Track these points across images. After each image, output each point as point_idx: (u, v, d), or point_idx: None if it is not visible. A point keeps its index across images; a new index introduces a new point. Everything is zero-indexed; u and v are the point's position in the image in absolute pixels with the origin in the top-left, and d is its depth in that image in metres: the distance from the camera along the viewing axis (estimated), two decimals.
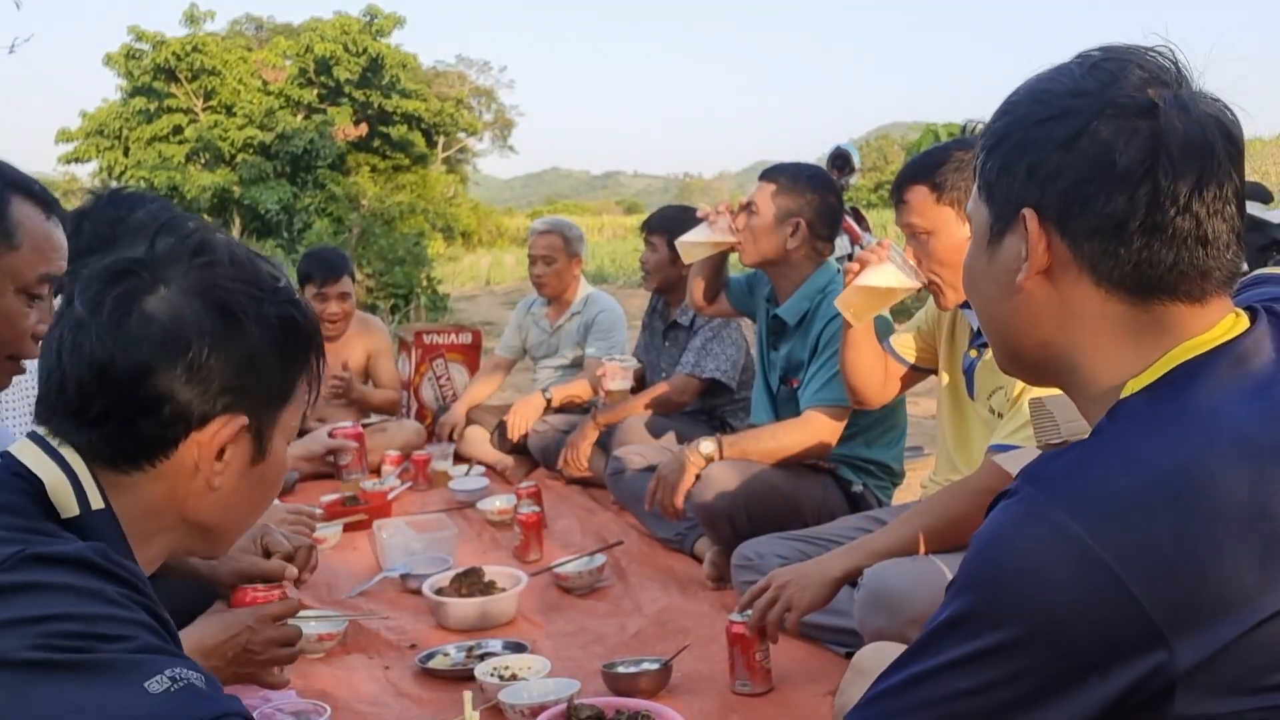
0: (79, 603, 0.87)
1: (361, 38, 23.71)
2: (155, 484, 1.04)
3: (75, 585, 0.88)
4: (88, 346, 1.01)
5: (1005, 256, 0.97)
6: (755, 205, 2.90)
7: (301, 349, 1.12)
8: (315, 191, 20.09)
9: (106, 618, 0.87)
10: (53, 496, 0.99)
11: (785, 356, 2.97)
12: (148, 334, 1.01)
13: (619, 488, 3.40)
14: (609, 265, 17.67)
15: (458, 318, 11.46)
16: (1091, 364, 0.95)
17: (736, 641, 2.11)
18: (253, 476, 1.10)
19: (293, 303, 1.10)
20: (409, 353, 4.86)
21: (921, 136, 8.89)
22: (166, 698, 0.84)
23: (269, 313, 1.07)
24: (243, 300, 1.05)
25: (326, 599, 2.82)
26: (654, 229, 3.88)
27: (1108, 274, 0.91)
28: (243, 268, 1.08)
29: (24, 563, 0.88)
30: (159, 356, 1.00)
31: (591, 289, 4.49)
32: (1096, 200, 0.89)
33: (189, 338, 1.01)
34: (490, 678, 2.17)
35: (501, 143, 34.19)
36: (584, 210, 46.06)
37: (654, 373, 3.99)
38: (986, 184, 0.98)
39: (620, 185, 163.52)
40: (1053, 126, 0.91)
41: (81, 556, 0.90)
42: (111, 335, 1.01)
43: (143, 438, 1.02)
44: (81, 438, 1.02)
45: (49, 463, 1.00)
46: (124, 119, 23.28)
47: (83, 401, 1.01)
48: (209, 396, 1.02)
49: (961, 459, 2.28)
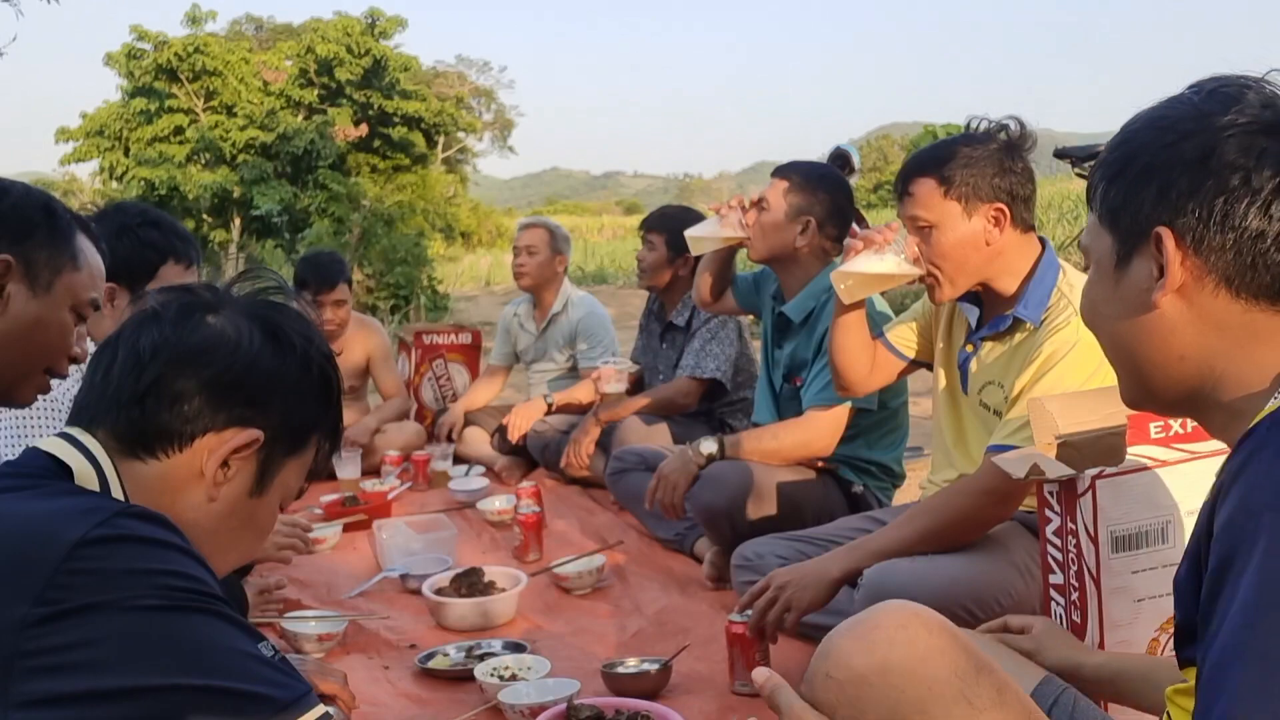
0: (182, 561, 0.96)
1: (364, 39, 23.73)
2: (162, 479, 1.08)
3: (173, 543, 0.97)
4: (144, 337, 1.09)
5: (1135, 278, 1.01)
6: (767, 201, 2.90)
7: (326, 408, 1.18)
8: (316, 192, 20.08)
9: (206, 579, 0.97)
10: (80, 484, 1.04)
11: (789, 354, 2.97)
12: (199, 333, 1.10)
13: (619, 487, 3.39)
14: (609, 265, 17.68)
15: (458, 318, 11.46)
16: (1239, 370, 0.98)
17: (736, 642, 2.12)
18: (244, 511, 1.13)
19: (334, 366, 1.18)
20: (409, 353, 4.86)
21: (920, 137, 8.89)
22: (280, 663, 0.97)
23: (313, 357, 1.15)
24: (292, 336, 1.14)
25: (326, 599, 2.82)
26: (652, 228, 3.89)
27: (1247, 285, 0.96)
28: (302, 317, 1.17)
29: (120, 516, 0.95)
30: (200, 354, 1.08)
31: (573, 290, 4.48)
32: (1233, 216, 0.94)
33: (233, 345, 1.10)
34: (490, 678, 2.17)
35: (501, 143, 34.22)
36: (584, 210, 46.12)
37: (651, 375, 3.99)
38: (1110, 210, 1.03)
39: (620, 185, 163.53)
40: (1181, 148, 0.97)
41: (165, 519, 0.99)
42: (168, 328, 1.10)
43: (163, 425, 1.07)
44: (109, 418, 1.08)
45: (76, 454, 1.05)
46: (124, 119, 23.28)
47: (120, 382, 1.08)
48: (234, 404, 1.09)
49: (959, 454, 2.28)
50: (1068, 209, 14.33)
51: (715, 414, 3.73)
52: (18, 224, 1.56)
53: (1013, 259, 2.12)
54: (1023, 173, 2.12)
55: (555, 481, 3.94)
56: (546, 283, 4.35)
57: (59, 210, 1.62)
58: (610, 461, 3.42)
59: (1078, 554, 1.54)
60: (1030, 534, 2.11)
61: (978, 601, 1.99)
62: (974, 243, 2.10)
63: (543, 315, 4.41)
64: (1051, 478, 1.55)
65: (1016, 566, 2.07)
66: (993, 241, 2.10)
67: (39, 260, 1.56)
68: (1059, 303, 2.07)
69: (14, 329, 1.54)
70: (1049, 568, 1.63)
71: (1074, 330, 1.99)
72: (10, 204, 1.58)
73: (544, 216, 4.96)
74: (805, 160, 3.09)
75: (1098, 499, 1.51)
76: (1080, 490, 1.52)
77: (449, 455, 4.27)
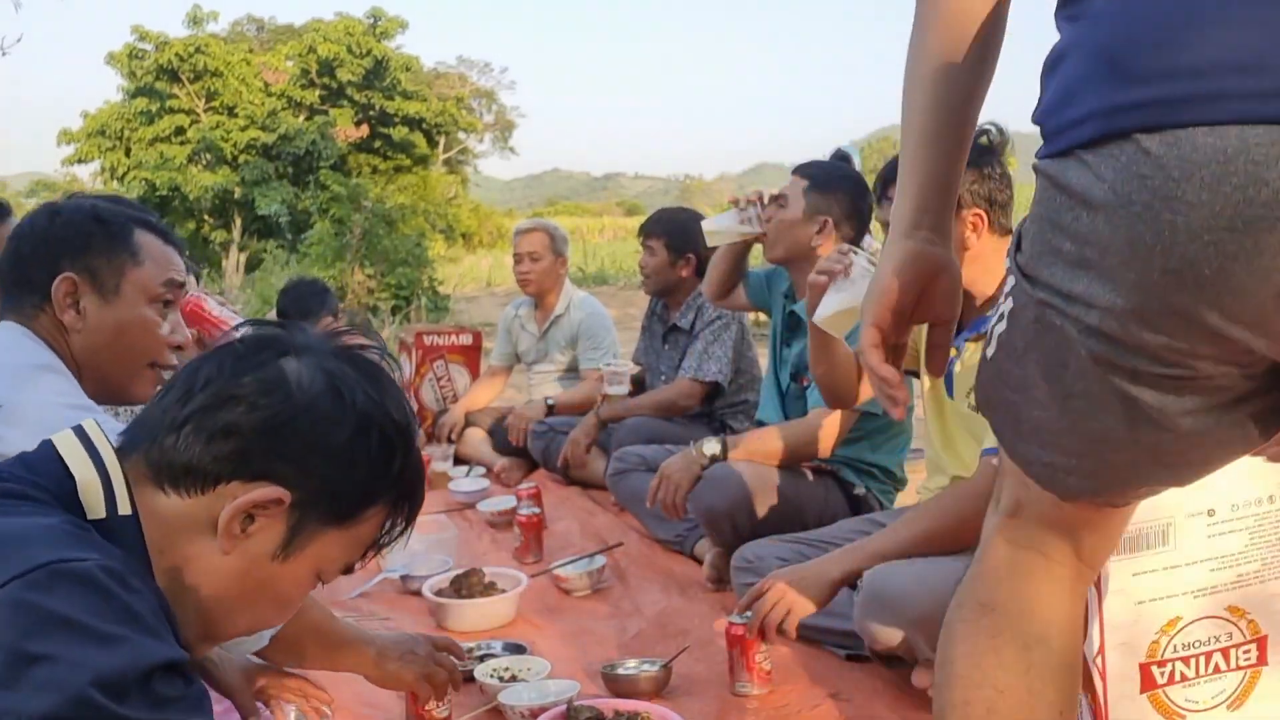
0: (68, 647, 0.82)
1: (365, 40, 23.73)
2: (179, 517, 1.01)
3: (76, 621, 0.84)
4: (208, 366, 1.04)
5: None
6: (785, 199, 2.90)
7: (385, 481, 1.07)
8: (317, 192, 20.09)
9: (90, 664, 0.83)
10: (82, 496, 0.98)
11: (798, 354, 2.97)
12: (261, 375, 1.02)
13: (620, 487, 3.39)
14: (609, 267, 17.68)
15: (458, 319, 11.46)
16: None
17: (736, 643, 2.12)
18: (262, 574, 1.04)
19: (404, 438, 1.07)
20: (409, 354, 4.86)
21: None
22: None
23: (377, 420, 1.05)
24: (356, 393, 1.04)
25: (327, 600, 2.81)
26: (651, 233, 3.87)
27: None
28: (382, 378, 1.08)
29: (45, 572, 0.85)
30: (251, 394, 1.01)
31: (575, 291, 4.48)
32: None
33: (286, 391, 1.02)
34: (490, 679, 2.17)
35: (502, 144, 34.18)
36: (585, 212, 46.10)
37: (654, 376, 3.99)
38: None
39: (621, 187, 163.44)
40: None
41: (104, 591, 0.86)
42: (234, 364, 1.03)
43: (192, 461, 1.00)
44: (147, 442, 1.02)
45: (85, 459, 1.00)
46: (125, 119, 23.27)
47: (168, 406, 1.02)
48: (271, 455, 1.01)
49: (949, 458, 2.28)
50: None
51: (716, 415, 3.74)
52: (73, 239, 1.64)
53: (991, 262, 2.14)
54: (1000, 178, 2.14)
55: (556, 483, 3.94)
56: (551, 286, 4.35)
57: (108, 215, 1.67)
58: (611, 461, 3.42)
59: None
60: None
61: None
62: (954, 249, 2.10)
63: (545, 317, 4.41)
64: None
65: None
66: (971, 246, 2.12)
67: (101, 268, 1.63)
68: None
69: (100, 338, 1.63)
70: None
71: None
72: (62, 222, 1.66)
73: (541, 219, 4.95)
74: (828, 160, 3.10)
75: None
76: None
77: (449, 456, 4.27)
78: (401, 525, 1.11)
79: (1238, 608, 1.57)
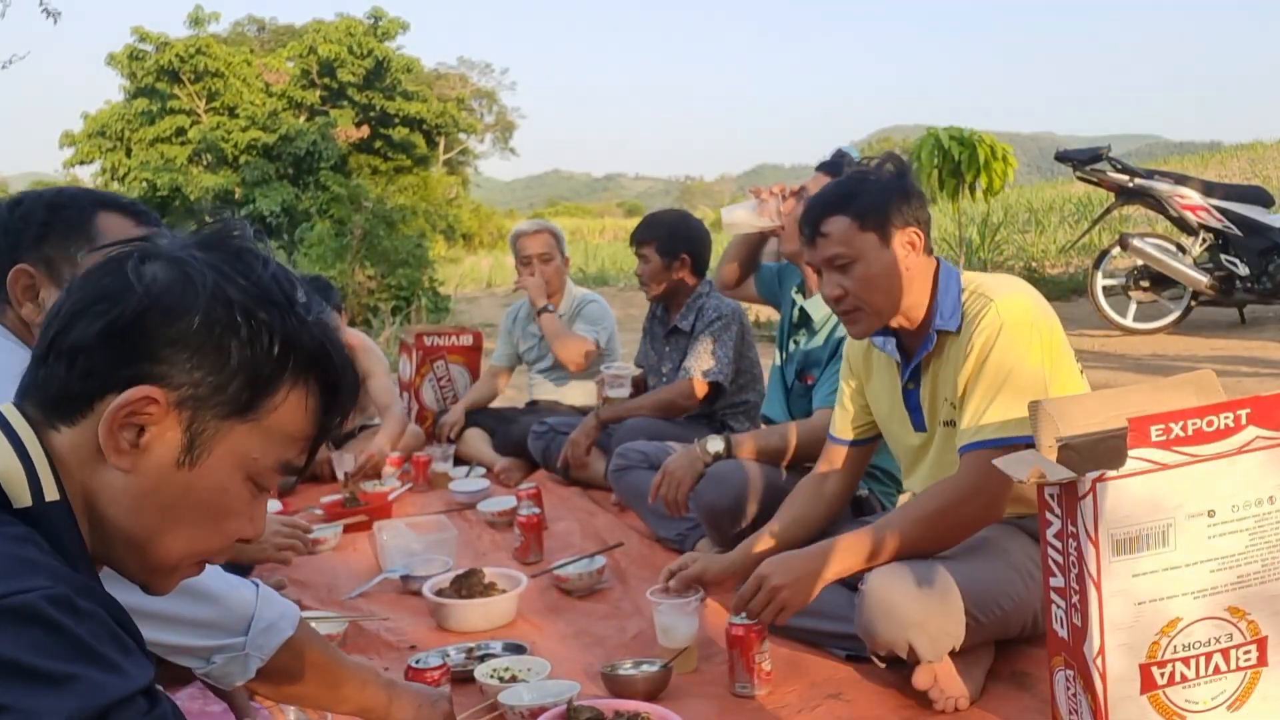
0: None
1: (366, 40, 23.75)
2: (75, 450, 0.95)
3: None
4: (64, 293, 0.98)
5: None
6: (807, 192, 2.91)
7: (274, 363, 0.97)
8: (317, 193, 20.11)
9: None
10: (5, 486, 0.91)
11: (804, 351, 2.97)
12: (104, 283, 0.95)
13: (621, 485, 3.39)
14: (610, 267, 17.68)
15: (459, 319, 11.46)
16: None
17: (736, 643, 2.12)
18: (176, 485, 0.96)
19: (275, 312, 0.97)
20: (410, 354, 4.86)
21: (922, 139, 8.87)
22: None
23: (235, 300, 0.96)
24: (208, 277, 0.95)
25: (327, 600, 2.82)
26: (642, 240, 3.83)
27: None
28: (242, 257, 0.98)
29: None
30: (97, 302, 0.94)
31: (578, 290, 4.47)
32: None
33: (131, 293, 0.94)
34: (490, 679, 2.17)
35: (502, 145, 34.21)
36: (585, 212, 46.11)
37: (654, 377, 3.99)
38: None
39: (621, 187, 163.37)
40: None
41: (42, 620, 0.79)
42: (82, 283, 0.96)
43: (64, 386, 0.94)
44: (29, 383, 0.97)
45: (4, 446, 0.93)
46: (126, 120, 23.31)
47: (39, 342, 0.97)
48: (132, 358, 0.93)
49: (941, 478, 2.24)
50: (1069, 212, 14.32)
51: (717, 416, 3.73)
52: (28, 230, 1.61)
53: (923, 282, 2.15)
54: (920, 198, 2.17)
55: (556, 483, 3.94)
56: (558, 287, 4.35)
57: (66, 201, 1.64)
58: (613, 458, 3.41)
59: (1078, 557, 1.54)
60: (1029, 538, 2.12)
61: (979, 605, 1.99)
62: (895, 269, 2.12)
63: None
64: (1052, 480, 1.55)
65: (1016, 570, 2.07)
66: (911, 266, 2.13)
67: (56, 258, 1.61)
68: (971, 300, 2.11)
69: None
70: (1050, 571, 1.63)
71: (995, 315, 2.03)
72: (20, 214, 1.63)
73: (540, 219, 4.95)
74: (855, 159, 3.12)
75: (1098, 502, 1.51)
76: (1081, 493, 1.52)
77: (450, 456, 4.27)
78: (331, 403, 1.02)
79: (1238, 609, 1.57)
